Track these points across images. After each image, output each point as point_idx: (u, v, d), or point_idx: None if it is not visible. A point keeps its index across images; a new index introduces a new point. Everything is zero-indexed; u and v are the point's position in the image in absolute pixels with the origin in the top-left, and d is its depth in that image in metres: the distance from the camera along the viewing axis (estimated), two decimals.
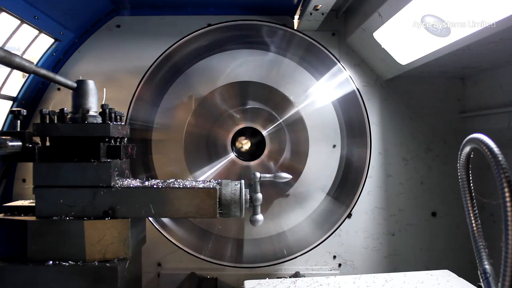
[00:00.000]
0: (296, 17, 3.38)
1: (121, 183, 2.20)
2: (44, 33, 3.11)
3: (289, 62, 3.17)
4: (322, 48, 3.03)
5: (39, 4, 2.81)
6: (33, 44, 3.14)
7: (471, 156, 1.52)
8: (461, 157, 1.53)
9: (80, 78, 2.40)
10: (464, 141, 1.48)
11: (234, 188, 2.26)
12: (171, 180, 2.31)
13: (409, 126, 3.65)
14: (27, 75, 3.27)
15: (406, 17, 2.74)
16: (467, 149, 1.48)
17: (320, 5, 2.96)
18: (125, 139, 2.46)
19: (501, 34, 2.29)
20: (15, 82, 3.40)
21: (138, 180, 2.31)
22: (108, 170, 2.13)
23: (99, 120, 2.24)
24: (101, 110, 2.31)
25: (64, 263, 2.04)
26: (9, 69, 2.88)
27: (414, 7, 2.61)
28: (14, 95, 3.24)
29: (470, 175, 1.61)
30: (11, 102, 3.24)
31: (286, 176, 2.52)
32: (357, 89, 3.07)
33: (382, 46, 3.17)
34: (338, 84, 3.11)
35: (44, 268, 2.02)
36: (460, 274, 3.71)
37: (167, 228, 3.05)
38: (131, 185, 2.18)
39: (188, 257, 3.16)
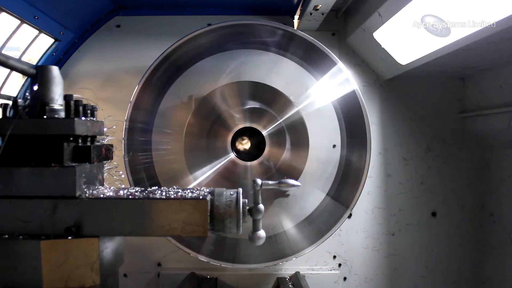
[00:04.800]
0: (296, 17, 3.38)
1: (90, 192, 1.78)
2: (44, 33, 3.11)
3: (289, 62, 3.16)
4: (322, 48, 3.02)
5: (39, 4, 2.81)
6: (33, 44, 3.15)
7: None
8: None
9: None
10: None
11: (229, 198, 1.86)
12: (153, 188, 1.93)
13: (409, 126, 3.65)
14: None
15: (406, 17, 2.74)
16: None
17: (320, 5, 2.96)
18: (105, 139, 2.04)
19: (501, 34, 2.29)
20: (15, 83, 3.40)
21: (112, 188, 1.93)
22: (72, 177, 1.70)
23: (63, 114, 1.82)
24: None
25: None
26: (8, 70, 2.87)
27: (414, 7, 2.61)
28: (14, 95, 3.24)
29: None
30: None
31: (293, 183, 2.09)
32: (357, 89, 3.07)
33: (382, 46, 3.17)
34: (338, 84, 3.11)
35: None
36: (460, 274, 3.72)
37: None
38: (102, 196, 1.76)
39: (188, 257, 3.16)
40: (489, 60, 2.95)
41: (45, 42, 3.27)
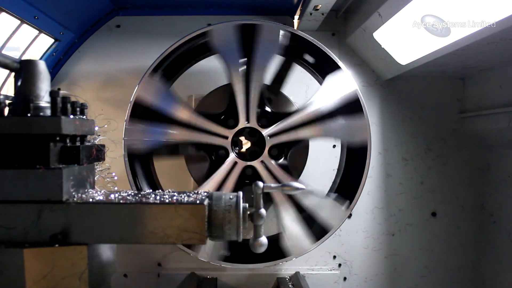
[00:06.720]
0: (296, 17, 3.38)
1: (79, 196, 1.66)
2: (44, 33, 3.12)
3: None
4: (322, 48, 3.02)
5: (39, 4, 2.81)
6: (33, 44, 3.15)
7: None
8: None
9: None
10: None
11: (228, 202, 1.72)
12: (147, 192, 1.82)
13: (409, 126, 3.65)
14: None
15: (406, 17, 2.74)
16: None
17: (320, 5, 2.97)
18: (96, 138, 1.94)
19: (501, 34, 2.29)
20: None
21: (103, 191, 1.82)
22: (59, 179, 1.58)
23: (49, 112, 1.69)
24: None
25: None
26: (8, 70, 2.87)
27: (414, 7, 2.61)
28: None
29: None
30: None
31: (297, 186, 1.89)
32: (357, 89, 3.07)
33: (382, 46, 3.18)
34: (338, 84, 3.10)
35: None
36: (460, 274, 3.72)
37: None
38: (91, 200, 1.64)
39: (188, 257, 3.16)
40: (489, 60, 2.95)
41: (45, 42, 3.27)
